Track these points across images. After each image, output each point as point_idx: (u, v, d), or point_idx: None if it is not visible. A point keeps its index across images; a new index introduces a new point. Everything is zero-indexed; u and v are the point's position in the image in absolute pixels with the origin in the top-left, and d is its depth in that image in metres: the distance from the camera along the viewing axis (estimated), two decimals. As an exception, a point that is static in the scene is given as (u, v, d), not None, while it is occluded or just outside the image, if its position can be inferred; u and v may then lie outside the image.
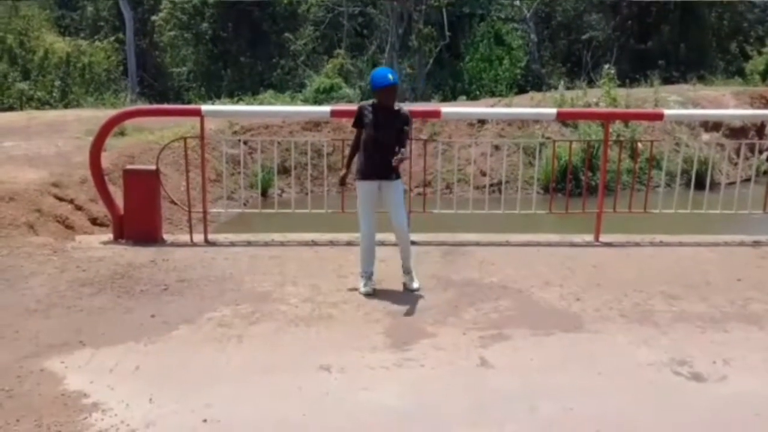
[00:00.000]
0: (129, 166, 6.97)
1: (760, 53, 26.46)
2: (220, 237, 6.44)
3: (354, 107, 5.24)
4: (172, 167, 11.07)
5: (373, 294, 4.91)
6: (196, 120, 6.44)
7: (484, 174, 13.01)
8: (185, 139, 6.79)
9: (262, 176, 12.05)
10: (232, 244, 6.14)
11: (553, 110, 6.91)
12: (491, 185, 11.15)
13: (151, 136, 11.49)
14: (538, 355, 4.07)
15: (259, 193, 10.41)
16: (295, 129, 14.84)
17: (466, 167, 13.23)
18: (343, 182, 5.15)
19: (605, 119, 6.90)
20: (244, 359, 3.94)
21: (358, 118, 4.96)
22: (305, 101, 20.50)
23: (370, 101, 4.99)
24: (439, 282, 5.19)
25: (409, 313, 4.62)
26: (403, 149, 4.73)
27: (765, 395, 3.58)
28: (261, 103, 18.90)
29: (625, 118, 12.83)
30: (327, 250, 5.98)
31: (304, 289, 4.97)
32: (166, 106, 15.10)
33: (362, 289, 4.94)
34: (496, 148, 13.74)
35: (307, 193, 9.34)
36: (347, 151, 5.20)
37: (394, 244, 5.24)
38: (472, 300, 4.86)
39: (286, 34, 24.96)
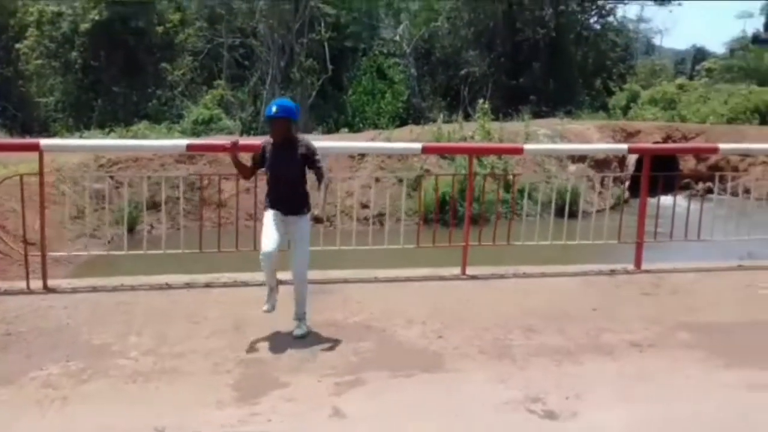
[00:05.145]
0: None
1: (621, 89, 28.58)
2: (63, 282, 5.87)
3: (224, 139, 5.00)
4: (27, 204, 10.20)
5: (281, 338, 4.68)
6: (55, 154, 5.86)
7: (366, 206, 12.96)
8: (21, 176, 6.15)
9: (130, 212, 11.38)
10: (75, 290, 5.59)
11: (419, 145, 6.93)
12: (367, 218, 11.08)
13: (4, 170, 10.56)
14: (395, 399, 3.91)
15: (125, 230, 9.75)
16: (168, 161, 14.20)
17: (345, 200, 13.15)
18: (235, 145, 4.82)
19: (469, 153, 6.99)
20: (66, 425, 3.50)
21: (261, 157, 4.76)
22: (183, 133, 19.77)
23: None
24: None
25: (263, 361, 4.34)
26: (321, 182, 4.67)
27: (611, 430, 3.59)
28: (134, 135, 18.03)
29: (487, 153, 13.18)
30: (182, 293, 5.58)
31: (149, 340, 4.56)
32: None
33: (264, 307, 4.73)
34: (377, 180, 13.76)
35: (178, 228, 8.82)
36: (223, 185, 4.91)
37: (261, 284, 4.98)
38: (332, 343, 4.65)
39: (163, 64, 24.15)
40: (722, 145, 8.00)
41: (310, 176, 4.79)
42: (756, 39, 48.07)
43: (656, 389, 4.08)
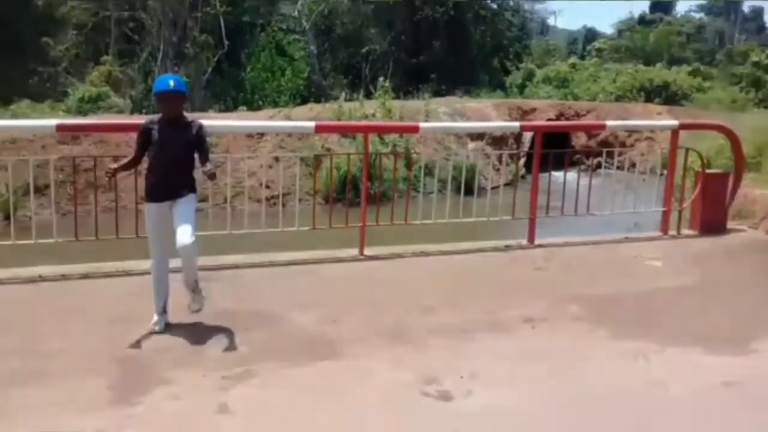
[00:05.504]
0: None
1: (518, 68, 29.33)
2: None
3: (112, 119, 4.57)
4: None
5: (165, 330, 4.37)
6: None
7: (267, 186, 12.59)
8: None
9: (7, 198, 10.53)
10: (-70, 288, 5.04)
11: (312, 124, 6.72)
12: (262, 200, 10.78)
13: None
14: (286, 391, 3.74)
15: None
16: (50, 143, 13.22)
17: (244, 180, 12.72)
18: (113, 173, 4.37)
19: (364, 132, 6.85)
20: None
21: (144, 140, 4.37)
22: (68, 112, 18.52)
23: (154, 116, 4.49)
24: (186, 315, 4.63)
25: (143, 357, 4.04)
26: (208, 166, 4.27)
27: (505, 409, 3.58)
28: (14, 115, 16.71)
29: (383, 131, 13.12)
30: (56, 286, 5.14)
31: (14, 339, 4.15)
32: None
33: (155, 327, 4.39)
34: (276, 159, 13.41)
35: (64, 214, 8.15)
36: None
37: (146, 272, 4.66)
38: (220, 333, 4.40)
39: (45, 39, 22.49)
40: (609, 122, 8.29)
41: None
42: (642, 20, 50.71)
43: (548, 365, 4.12)
